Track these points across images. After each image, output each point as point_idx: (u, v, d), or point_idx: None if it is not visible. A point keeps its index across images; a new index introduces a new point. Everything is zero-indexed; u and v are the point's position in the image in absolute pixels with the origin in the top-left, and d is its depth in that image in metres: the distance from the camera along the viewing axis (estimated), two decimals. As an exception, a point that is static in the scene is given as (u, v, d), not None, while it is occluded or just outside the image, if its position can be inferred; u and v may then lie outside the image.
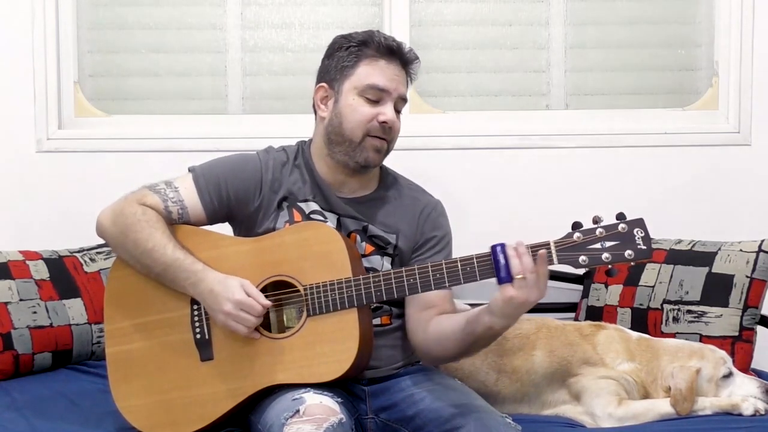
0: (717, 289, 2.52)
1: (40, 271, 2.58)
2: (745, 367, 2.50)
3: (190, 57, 3.06)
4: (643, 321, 2.56)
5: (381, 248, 2.07)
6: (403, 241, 2.09)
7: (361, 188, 2.11)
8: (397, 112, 2.06)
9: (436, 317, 1.99)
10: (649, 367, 2.23)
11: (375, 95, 2.01)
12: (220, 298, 1.89)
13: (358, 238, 2.06)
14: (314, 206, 2.07)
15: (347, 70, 2.03)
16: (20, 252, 2.60)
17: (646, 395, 2.22)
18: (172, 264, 1.94)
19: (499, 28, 3.07)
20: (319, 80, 2.09)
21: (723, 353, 2.26)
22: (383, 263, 2.06)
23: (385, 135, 2.03)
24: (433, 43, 3.07)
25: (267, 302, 1.90)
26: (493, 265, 1.77)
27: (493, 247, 1.78)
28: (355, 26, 2.97)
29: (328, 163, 2.08)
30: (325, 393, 1.85)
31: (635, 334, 2.33)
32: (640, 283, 2.62)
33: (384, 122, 2.01)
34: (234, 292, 1.88)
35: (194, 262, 1.95)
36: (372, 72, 2.01)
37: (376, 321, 2.02)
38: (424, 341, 2.01)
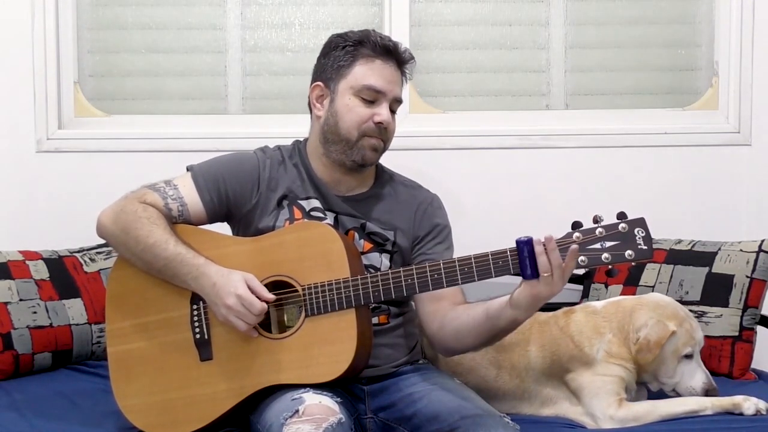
0: (717, 289, 2.53)
1: (40, 271, 2.58)
2: (745, 366, 2.50)
3: (190, 57, 3.06)
4: (643, 321, 2.56)
5: (379, 245, 2.07)
6: (402, 237, 2.09)
7: (357, 186, 2.11)
8: (393, 112, 2.06)
9: (453, 310, 1.99)
10: (620, 326, 2.22)
11: (371, 96, 2.01)
12: (222, 292, 1.89)
13: (356, 235, 2.06)
14: (315, 203, 2.07)
15: (343, 70, 2.03)
16: (20, 252, 2.60)
17: (637, 362, 2.20)
18: (173, 259, 1.94)
19: (499, 28, 3.07)
20: (314, 79, 2.10)
21: (699, 336, 2.22)
22: (382, 260, 2.06)
23: (381, 135, 2.03)
24: (433, 43, 3.07)
25: (270, 296, 1.90)
26: (519, 260, 1.76)
27: (519, 243, 1.76)
28: (355, 26, 2.94)
29: (324, 162, 2.08)
30: (325, 393, 1.85)
31: (601, 303, 2.31)
32: (640, 283, 2.62)
33: (379, 123, 2.01)
34: (237, 286, 1.88)
35: (196, 257, 1.95)
36: (368, 72, 2.02)
37: (374, 320, 2.02)
38: (440, 334, 2.01)
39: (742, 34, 2.98)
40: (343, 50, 2.04)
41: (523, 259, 1.75)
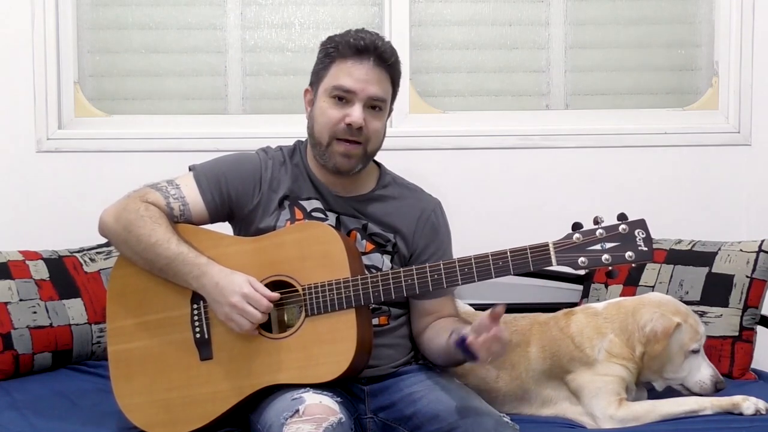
0: (717, 289, 2.53)
1: (40, 271, 2.58)
2: (745, 366, 2.50)
3: (190, 57, 3.06)
4: (643, 321, 2.56)
5: (381, 246, 2.08)
6: (401, 241, 2.10)
7: (356, 188, 2.11)
8: (375, 110, 2.02)
9: (432, 326, 2.04)
10: (623, 327, 2.22)
11: (342, 96, 2.00)
12: (226, 291, 1.89)
13: (358, 236, 2.07)
14: (316, 204, 2.07)
15: (322, 72, 2.03)
16: (20, 252, 2.61)
17: (639, 363, 2.20)
18: (175, 258, 1.94)
19: (499, 28, 3.07)
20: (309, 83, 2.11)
21: (703, 330, 2.24)
22: (384, 261, 2.07)
23: (354, 137, 2.00)
24: (433, 43, 3.06)
25: (274, 295, 1.90)
26: (463, 355, 1.82)
27: (456, 343, 1.81)
28: (355, 26, 2.95)
29: (316, 165, 2.09)
30: (325, 393, 1.85)
31: (602, 304, 2.32)
32: (640, 283, 2.62)
33: (349, 124, 1.98)
34: (241, 285, 1.89)
35: (198, 256, 1.95)
36: (338, 73, 2.00)
37: (374, 321, 2.02)
38: (422, 348, 2.08)
39: (742, 34, 2.98)
40: (324, 53, 2.04)
41: (467, 354, 1.80)
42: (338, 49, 2.01)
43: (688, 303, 2.44)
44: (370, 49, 2.00)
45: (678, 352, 2.19)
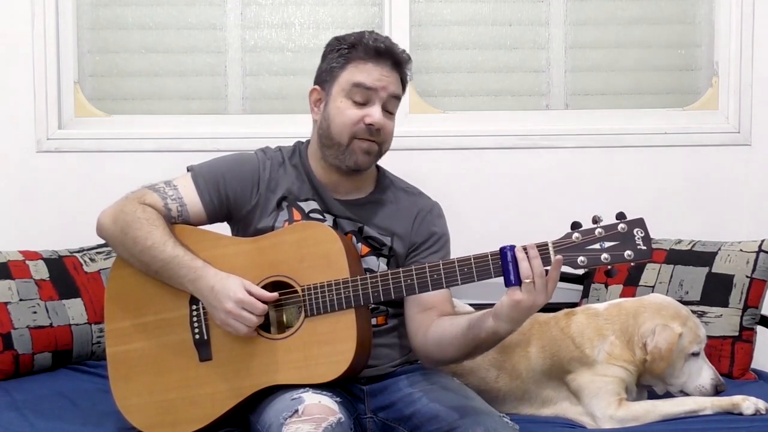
0: (717, 289, 2.53)
1: (40, 271, 2.58)
2: (745, 366, 2.50)
3: (190, 57, 3.06)
4: (643, 321, 2.55)
5: (376, 249, 2.07)
6: (398, 243, 2.09)
7: (356, 190, 2.11)
8: (390, 113, 2.03)
9: (437, 320, 1.99)
10: (623, 328, 2.22)
11: (362, 96, 1.99)
12: (221, 296, 1.89)
13: (354, 239, 2.06)
14: (314, 205, 2.07)
15: (336, 72, 2.02)
16: (20, 252, 2.61)
17: (640, 366, 2.20)
18: (171, 261, 1.94)
19: (499, 28, 3.07)
20: (314, 83, 2.09)
21: (703, 333, 2.23)
22: (379, 264, 2.06)
23: (373, 137, 2.00)
24: (433, 43, 3.07)
25: (272, 295, 1.90)
26: (502, 266, 1.76)
27: (502, 249, 1.76)
28: (355, 26, 2.97)
29: (323, 165, 2.08)
30: (324, 393, 1.85)
31: (603, 305, 2.31)
32: (640, 283, 2.62)
33: (370, 124, 1.99)
34: (236, 290, 1.88)
35: (194, 259, 1.95)
36: (357, 72, 1.99)
37: (372, 321, 2.02)
38: (424, 344, 2.01)
39: (742, 34, 2.98)
40: (337, 53, 2.02)
41: (506, 264, 1.75)
42: (355, 49, 2.01)
43: (688, 303, 2.44)
44: (389, 53, 2.01)
45: (678, 357, 2.19)
